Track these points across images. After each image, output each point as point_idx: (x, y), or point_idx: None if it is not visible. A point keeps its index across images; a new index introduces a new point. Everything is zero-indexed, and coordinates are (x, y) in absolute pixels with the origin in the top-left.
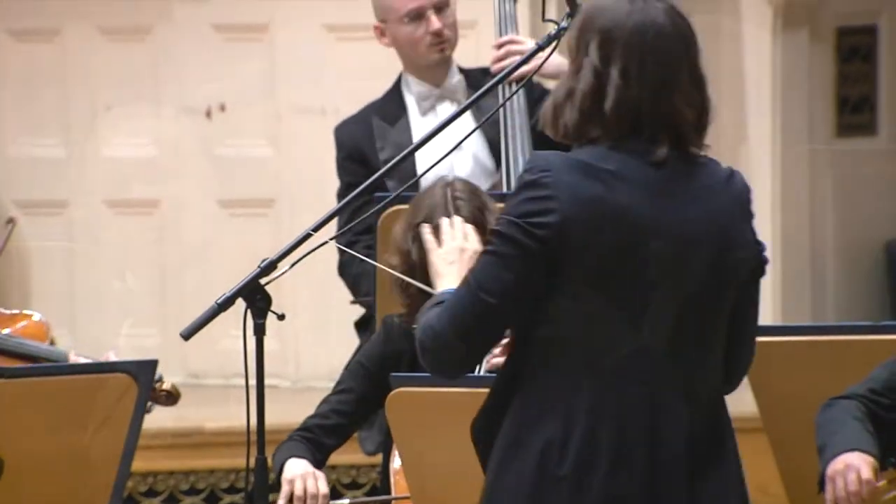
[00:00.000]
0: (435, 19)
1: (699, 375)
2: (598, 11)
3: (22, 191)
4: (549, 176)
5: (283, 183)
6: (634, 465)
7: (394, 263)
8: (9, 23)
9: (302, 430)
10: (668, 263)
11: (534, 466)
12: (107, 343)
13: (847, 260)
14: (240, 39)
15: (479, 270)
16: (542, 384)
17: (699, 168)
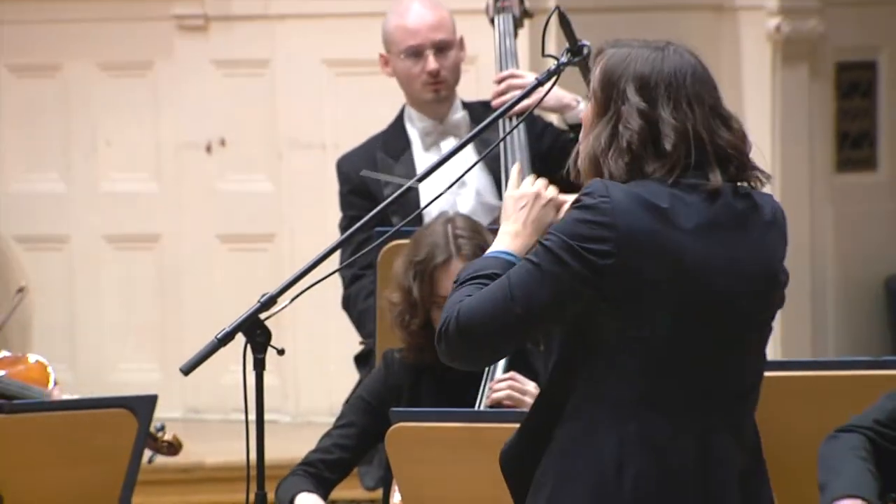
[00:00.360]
0: (432, 60)
1: (742, 405)
2: (625, 60)
3: (22, 225)
4: (609, 203)
5: (284, 218)
6: (690, 494)
7: (395, 301)
8: (9, 58)
9: (305, 465)
10: (719, 297)
11: (589, 499)
12: (107, 378)
13: (847, 295)
14: (240, 74)
15: (517, 277)
16: (591, 416)
17: (750, 201)
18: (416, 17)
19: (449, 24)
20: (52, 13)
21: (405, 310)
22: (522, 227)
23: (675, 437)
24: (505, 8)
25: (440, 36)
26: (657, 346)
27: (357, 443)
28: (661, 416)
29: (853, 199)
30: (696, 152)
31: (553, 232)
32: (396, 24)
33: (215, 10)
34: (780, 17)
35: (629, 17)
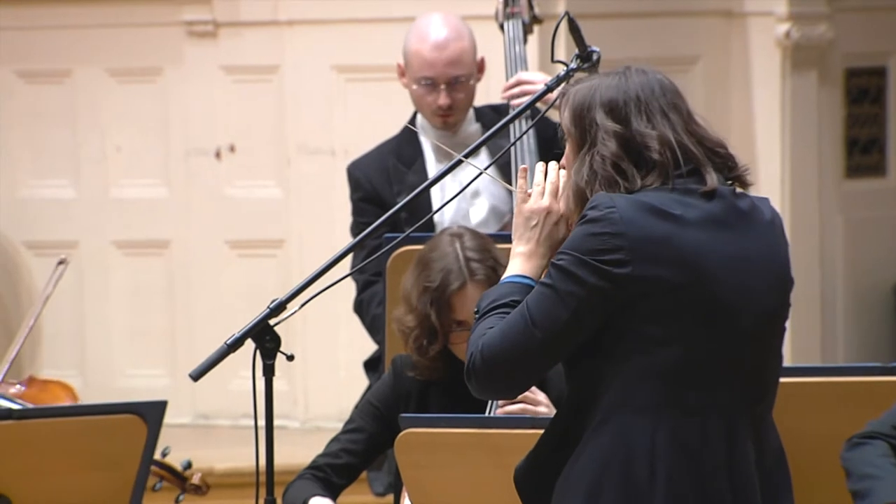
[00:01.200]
0: (444, 95)
1: (763, 405)
2: (590, 91)
3: (32, 231)
4: (616, 212)
5: (293, 224)
6: (721, 497)
7: (411, 325)
8: (18, 64)
9: (312, 469)
10: (735, 294)
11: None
12: (116, 384)
13: (856, 301)
14: (249, 80)
15: (534, 303)
16: (619, 423)
17: (749, 201)
18: (435, 49)
19: (468, 57)
20: (61, 19)
21: (422, 335)
22: (536, 245)
23: (705, 440)
24: (514, 14)
25: (456, 72)
26: (679, 348)
27: (365, 448)
28: (690, 419)
29: (862, 205)
30: (686, 158)
31: (564, 251)
32: (415, 48)
33: (224, 16)
34: (789, 23)
35: (638, 23)
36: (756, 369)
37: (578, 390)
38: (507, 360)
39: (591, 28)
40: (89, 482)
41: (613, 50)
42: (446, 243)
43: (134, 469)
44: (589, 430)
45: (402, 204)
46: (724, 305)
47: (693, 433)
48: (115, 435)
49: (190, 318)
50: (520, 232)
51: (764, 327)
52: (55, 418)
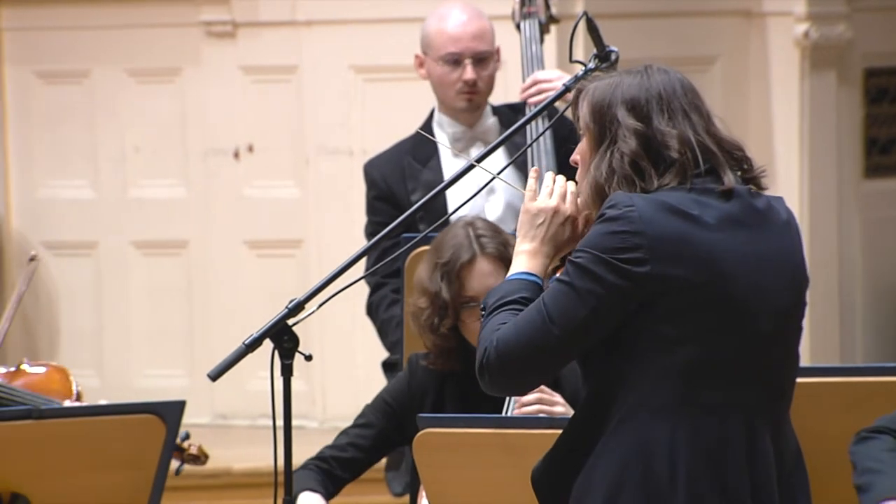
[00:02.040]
0: (470, 69)
1: (780, 404)
2: (611, 88)
3: (51, 231)
4: (634, 211)
5: (311, 223)
6: (741, 492)
7: (423, 305)
8: (38, 64)
9: (317, 460)
10: (751, 293)
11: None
12: (135, 383)
13: (875, 300)
14: (268, 81)
15: (552, 300)
16: (637, 424)
17: (765, 201)
18: (459, 25)
19: (490, 36)
20: (80, 20)
21: (434, 313)
22: (540, 244)
23: (724, 439)
24: (531, 14)
25: (481, 47)
26: (696, 347)
27: (373, 444)
28: (709, 418)
29: (881, 205)
30: (706, 157)
31: (582, 248)
32: (438, 28)
33: (243, 16)
34: (808, 23)
35: (657, 23)
36: (773, 369)
37: (596, 391)
38: (522, 356)
39: (609, 28)
40: (107, 482)
41: (631, 50)
42: (459, 227)
43: (152, 469)
44: (608, 430)
45: (417, 206)
46: (741, 304)
47: (712, 432)
48: (134, 435)
49: (208, 318)
50: (525, 229)
51: (780, 326)
52: (74, 418)
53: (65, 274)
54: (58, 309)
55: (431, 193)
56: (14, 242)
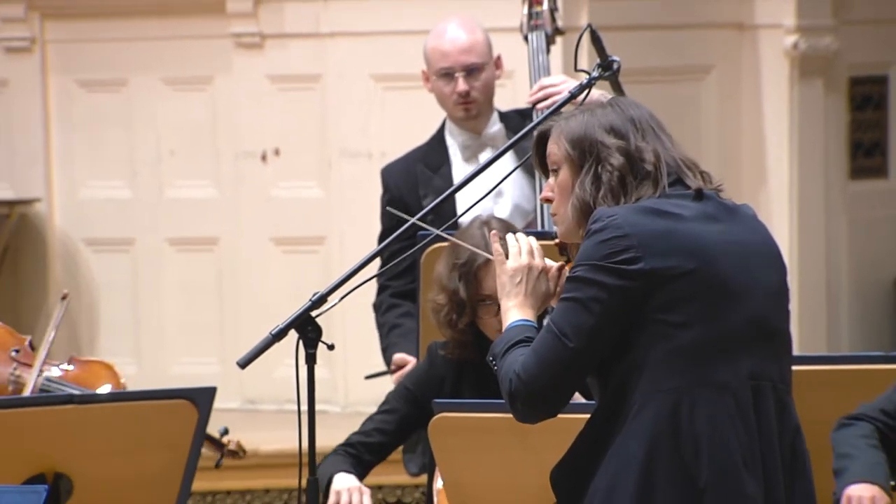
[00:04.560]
0: (462, 82)
1: (783, 381)
2: (587, 120)
3: (91, 229)
4: (617, 218)
5: (333, 222)
6: (755, 461)
7: (441, 302)
8: (79, 74)
9: (346, 446)
10: (742, 275)
11: (678, 486)
12: (169, 371)
13: (860, 294)
14: (293, 89)
15: (561, 318)
16: (656, 408)
17: (730, 202)
18: (449, 41)
19: (481, 48)
20: (119, 32)
21: (452, 310)
22: (524, 298)
23: (739, 413)
24: (538, 26)
25: (470, 59)
26: (698, 330)
27: (396, 428)
28: (721, 394)
29: (865, 204)
30: (673, 169)
31: (578, 263)
32: (433, 45)
33: (270, 28)
34: (797, 34)
35: (656, 35)
36: (771, 344)
37: (612, 386)
38: (546, 376)
39: (611, 39)
40: (144, 463)
41: (633, 59)
42: (475, 227)
43: (186, 450)
44: (628, 419)
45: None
46: (732, 285)
47: (725, 407)
48: (169, 419)
49: (237, 310)
50: (507, 289)
51: (771, 305)
52: (113, 403)
53: (104, 269)
54: (98, 301)
55: (438, 199)
56: (57, 239)
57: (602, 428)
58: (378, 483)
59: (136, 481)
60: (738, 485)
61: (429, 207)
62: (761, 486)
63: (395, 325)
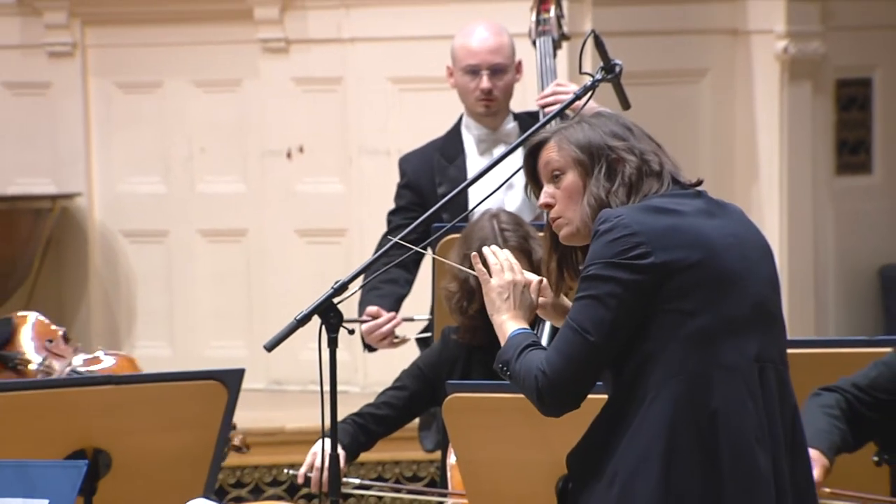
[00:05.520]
0: (486, 79)
1: (782, 361)
2: (586, 129)
3: (128, 222)
4: (624, 217)
5: (354, 215)
6: (765, 441)
7: (453, 290)
8: (118, 76)
9: (356, 415)
10: (742, 263)
11: (699, 465)
12: (201, 354)
13: (846, 283)
14: (316, 90)
15: (580, 315)
16: (673, 393)
17: (719, 200)
18: (479, 40)
19: (507, 50)
20: (154, 38)
21: (463, 297)
22: (515, 311)
23: (749, 392)
24: (546, 31)
25: (497, 59)
26: (706, 316)
27: (405, 404)
28: (732, 375)
29: (851, 199)
30: (670, 170)
31: (590, 262)
32: (462, 43)
33: (295, 34)
34: (787, 39)
35: (656, 40)
36: (770, 327)
37: (626, 376)
38: (571, 370)
39: (614, 44)
40: (178, 439)
41: (634, 63)
42: (485, 219)
43: (216, 428)
44: (644, 405)
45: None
46: (734, 273)
47: (736, 387)
48: (201, 398)
49: (264, 297)
50: (497, 305)
51: (767, 291)
52: (148, 384)
53: (140, 259)
54: (134, 289)
55: (453, 192)
56: (97, 231)
57: (618, 414)
58: (395, 458)
59: (169, 456)
60: (753, 460)
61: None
62: (770, 459)
63: (374, 288)
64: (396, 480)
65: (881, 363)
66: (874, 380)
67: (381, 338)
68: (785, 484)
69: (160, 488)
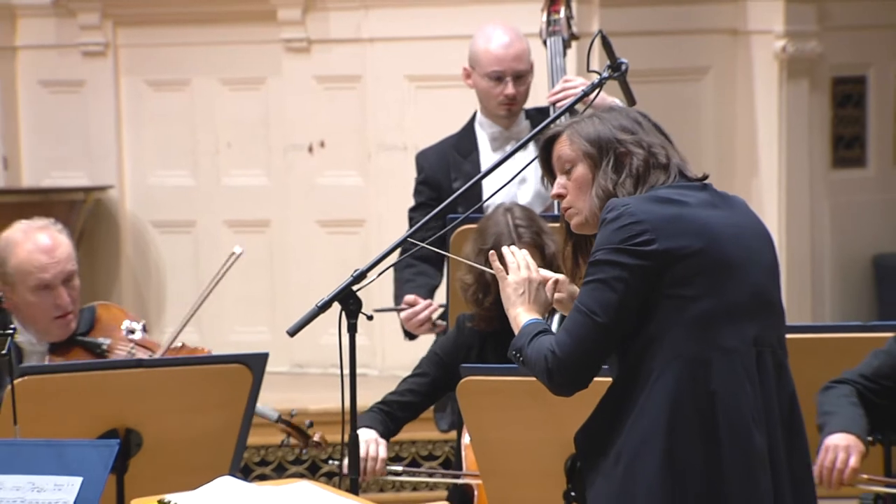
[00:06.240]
0: (511, 86)
1: (780, 346)
2: (598, 123)
3: (158, 212)
4: (630, 207)
5: (371, 207)
6: (759, 421)
7: (469, 282)
8: (148, 75)
9: (381, 404)
10: (743, 252)
11: (699, 442)
12: (227, 340)
13: (841, 272)
14: (336, 88)
15: (588, 298)
16: (675, 373)
17: (723, 193)
18: (503, 47)
19: (528, 55)
20: (183, 38)
21: (478, 290)
22: (530, 306)
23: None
24: (556, 32)
25: (521, 66)
26: (707, 301)
27: (427, 390)
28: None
29: (846, 191)
30: (676, 162)
31: (598, 248)
32: (485, 47)
33: (316, 34)
34: (785, 39)
35: (660, 40)
36: (769, 313)
37: (631, 357)
38: (579, 350)
39: (620, 43)
40: (205, 420)
41: (639, 62)
42: (499, 214)
43: (242, 408)
44: (649, 385)
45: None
46: (734, 262)
47: (735, 369)
48: (227, 381)
49: (287, 285)
50: (512, 300)
51: (767, 279)
52: (177, 367)
53: (169, 248)
54: (163, 277)
55: (468, 185)
56: (128, 222)
57: (623, 395)
58: (412, 438)
59: (198, 436)
60: (749, 438)
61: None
62: (765, 438)
63: (409, 280)
64: (413, 460)
65: (882, 352)
66: (878, 368)
67: (419, 324)
68: (780, 462)
69: (188, 466)
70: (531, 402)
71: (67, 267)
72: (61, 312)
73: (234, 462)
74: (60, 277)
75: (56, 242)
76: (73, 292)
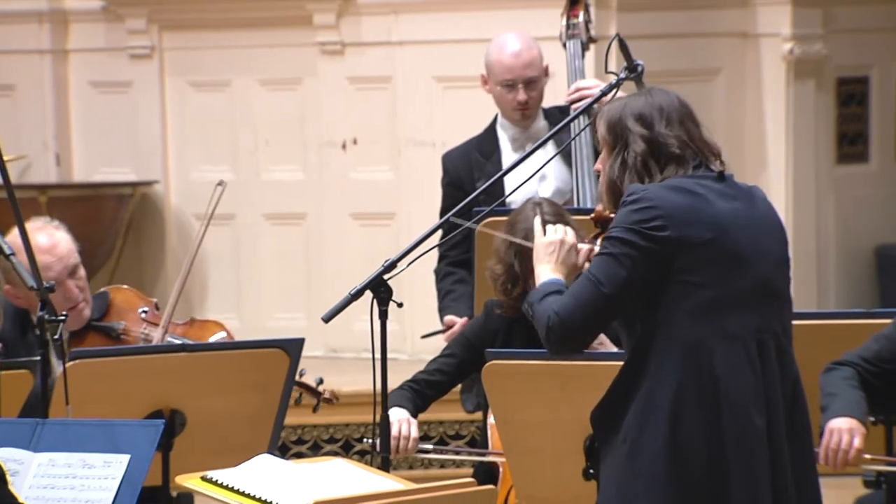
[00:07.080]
0: (522, 92)
1: (785, 335)
2: (621, 107)
3: (200, 206)
4: (648, 192)
5: (402, 200)
6: (761, 406)
7: (498, 272)
8: (191, 76)
9: (411, 382)
10: (751, 244)
11: (702, 419)
12: (265, 326)
13: (845, 262)
14: (368, 88)
15: (598, 269)
16: (682, 356)
17: (744, 185)
18: (513, 56)
19: (538, 62)
20: (223, 41)
21: (507, 280)
22: (555, 266)
23: (748, 360)
24: (575, 35)
25: (530, 73)
26: (714, 289)
27: (455, 370)
28: (734, 344)
29: (850, 185)
30: (697, 154)
31: (615, 226)
32: (497, 58)
33: (350, 37)
34: (792, 42)
35: (674, 42)
36: (775, 303)
37: (640, 340)
38: (581, 315)
39: (637, 46)
40: (244, 401)
41: (654, 63)
42: (529, 209)
43: (279, 391)
44: (657, 367)
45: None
46: (744, 253)
47: (739, 355)
48: (265, 364)
49: (321, 274)
50: (540, 257)
51: (775, 270)
52: (219, 352)
53: (210, 240)
54: (206, 267)
55: (491, 181)
56: (173, 215)
57: (632, 376)
58: (439, 419)
59: (238, 416)
60: (749, 418)
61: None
62: (764, 420)
63: (450, 291)
64: (441, 439)
65: (882, 336)
66: (878, 352)
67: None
68: (780, 440)
69: (229, 445)
70: (552, 384)
71: (70, 261)
72: (72, 304)
73: (272, 441)
74: (65, 273)
75: (54, 240)
76: (81, 282)
